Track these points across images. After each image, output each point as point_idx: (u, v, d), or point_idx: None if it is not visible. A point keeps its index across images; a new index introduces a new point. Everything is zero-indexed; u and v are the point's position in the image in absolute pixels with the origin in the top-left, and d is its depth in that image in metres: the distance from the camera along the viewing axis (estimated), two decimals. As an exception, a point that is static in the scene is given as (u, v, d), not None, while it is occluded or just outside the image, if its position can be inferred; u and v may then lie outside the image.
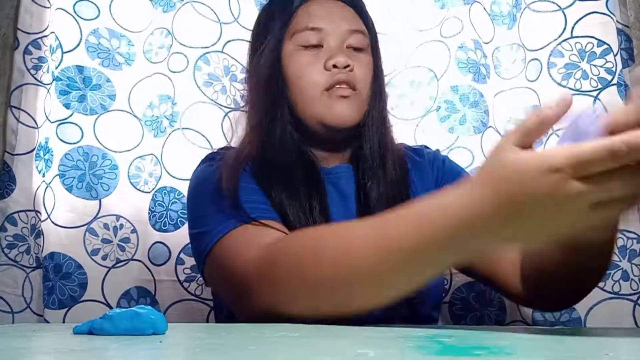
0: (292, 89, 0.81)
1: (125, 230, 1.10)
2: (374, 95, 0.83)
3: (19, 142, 1.09)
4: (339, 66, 0.79)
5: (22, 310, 1.07)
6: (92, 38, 1.12)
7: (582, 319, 1.01)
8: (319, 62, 0.81)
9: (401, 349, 0.43)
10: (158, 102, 1.14)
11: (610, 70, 1.05)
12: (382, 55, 0.91)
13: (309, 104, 0.80)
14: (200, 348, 0.44)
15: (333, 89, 0.79)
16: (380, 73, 0.86)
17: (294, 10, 0.84)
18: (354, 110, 0.80)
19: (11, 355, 0.40)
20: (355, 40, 0.83)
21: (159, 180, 1.11)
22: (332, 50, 0.81)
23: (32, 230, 1.09)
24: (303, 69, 0.81)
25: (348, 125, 0.80)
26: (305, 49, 0.82)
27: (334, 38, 0.82)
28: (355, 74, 0.81)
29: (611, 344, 0.48)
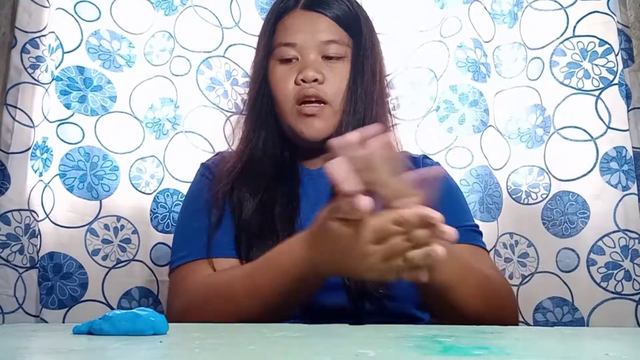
0: (274, 101, 0.87)
1: (126, 231, 1.10)
2: (349, 102, 0.84)
3: (14, 141, 1.08)
4: (306, 80, 0.83)
5: (13, 310, 1.05)
6: (92, 39, 1.12)
7: (585, 319, 1.01)
8: (292, 76, 0.85)
9: (401, 349, 0.43)
10: (160, 105, 1.14)
11: (612, 69, 1.04)
12: (382, 56, 0.92)
13: (284, 116, 0.86)
14: (200, 348, 0.44)
15: (302, 105, 0.84)
16: (363, 77, 0.86)
17: (274, 24, 0.88)
18: (322, 125, 0.84)
19: (11, 355, 0.40)
20: (331, 50, 0.85)
21: (161, 182, 1.12)
22: (305, 63, 0.84)
23: (26, 230, 1.08)
24: (278, 82, 0.86)
25: (317, 139, 0.84)
26: (282, 63, 0.86)
27: (308, 50, 0.85)
28: (325, 86, 0.83)
29: (611, 344, 0.47)
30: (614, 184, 1.02)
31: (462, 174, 1.12)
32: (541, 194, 1.07)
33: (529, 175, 1.09)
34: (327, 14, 0.87)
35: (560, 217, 1.04)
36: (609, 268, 1.01)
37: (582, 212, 1.03)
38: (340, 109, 0.84)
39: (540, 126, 1.09)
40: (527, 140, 1.10)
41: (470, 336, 0.50)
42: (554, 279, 1.04)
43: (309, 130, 0.84)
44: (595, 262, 1.01)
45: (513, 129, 1.12)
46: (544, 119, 1.08)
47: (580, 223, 1.02)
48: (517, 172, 1.10)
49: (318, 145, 0.84)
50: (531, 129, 1.10)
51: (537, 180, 1.08)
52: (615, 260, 1.01)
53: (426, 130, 1.14)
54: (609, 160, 1.03)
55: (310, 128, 0.84)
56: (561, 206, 1.05)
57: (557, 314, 1.04)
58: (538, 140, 1.09)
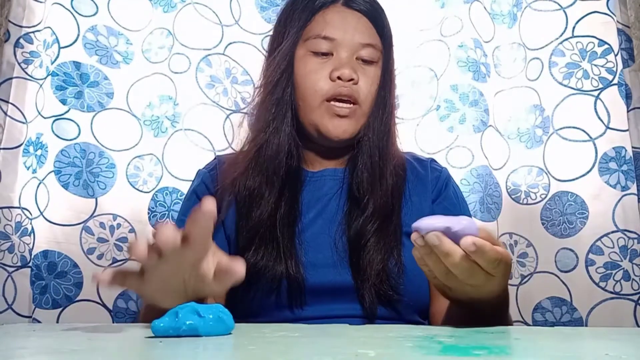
0: (297, 92, 0.84)
1: (123, 229, 1.09)
2: (378, 107, 0.85)
3: (6, 137, 1.04)
4: (343, 79, 0.81)
5: (2, 311, 1.02)
6: (89, 35, 1.11)
7: (584, 319, 1.01)
8: (325, 71, 0.83)
9: (401, 349, 0.43)
10: (158, 102, 1.13)
11: (611, 70, 1.04)
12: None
13: (308, 110, 0.83)
14: (201, 348, 0.44)
15: (333, 103, 0.82)
16: (389, 85, 0.87)
17: (312, 15, 0.85)
18: (351, 126, 0.83)
19: (11, 355, 0.40)
20: (366, 53, 0.85)
21: (160, 181, 1.11)
22: (340, 61, 0.83)
23: (17, 228, 1.05)
24: (309, 75, 0.83)
25: (343, 139, 0.83)
26: (316, 55, 0.84)
27: (345, 49, 0.84)
28: (360, 87, 0.83)
29: (611, 344, 0.47)
30: (613, 184, 1.02)
31: (463, 174, 1.12)
32: (540, 194, 1.07)
33: (528, 175, 1.09)
34: (367, 15, 0.87)
35: (559, 217, 1.04)
36: (607, 268, 1.01)
37: (581, 212, 1.03)
38: (367, 112, 0.84)
39: (539, 126, 1.09)
40: (527, 140, 1.10)
41: (470, 336, 0.50)
42: (552, 278, 1.04)
43: (337, 130, 0.82)
44: (594, 262, 1.01)
45: (512, 129, 1.12)
46: (543, 119, 1.08)
47: (579, 223, 1.03)
48: (517, 172, 1.10)
49: (335, 145, 0.85)
50: (530, 129, 1.10)
51: (536, 180, 1.08)
52: (614, 260, 1.01)
53: (426, 130, 1.14)
54: (608, 161, 1.03)
55: (338, 128, 0.82)
56: (560, 206, 1.05)
57: (555, 313, 1.04)
58: (537, 140, 1.09)
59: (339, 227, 0.81)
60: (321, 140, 0.85)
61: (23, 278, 1.04)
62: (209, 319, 0.49)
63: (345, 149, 0.87)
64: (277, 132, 0.83)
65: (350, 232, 0.80)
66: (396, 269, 0.77)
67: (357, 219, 0.80)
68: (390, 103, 0.87)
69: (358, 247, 0.79)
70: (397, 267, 0.78)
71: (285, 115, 0.84)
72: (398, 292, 0.77)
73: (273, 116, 0.84)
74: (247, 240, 0.80)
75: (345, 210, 0.83)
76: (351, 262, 0.78)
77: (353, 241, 0.79)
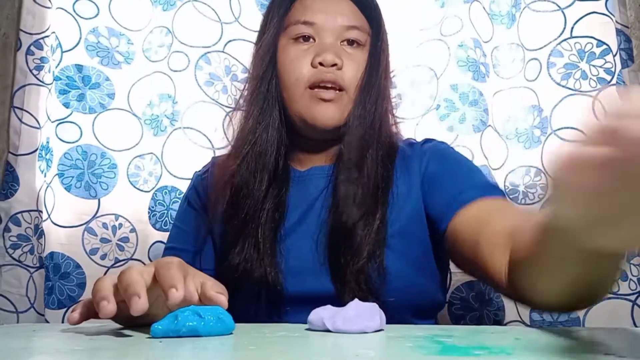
0: (281, 83, 0.80)
1: (124, 229, 1.10)
2: (363, 92, 0.79)
3: (22, 143, 1.09)
4: (325, 64, 0.77)
5: (26, 310, 1.07)
6: (91, 37, 1.12)
7: (581, 319, 1.02)
8: (307, 57, 0.78)
9: (401, 349, 0.43)
10: (158, 101, 1.14)
11: (610, 70, 1.05)
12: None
13: (292, 101, 0.79)
14: (201, 348, 0.44)
15: (317, 89, 0.77)
16: (377, 70, 0.81)
17: (291, 2, 0.82)
18: (337, 112, 0.78)
19: (11, 355, 0.40)
20: (351, 35, 0.80)
21: (160, 180, 1.11)
22: (323, 46, 0.78)
23: (35, 230, 1.09)
24: (291, 63, 0.79)
25: (330, 126, 0.78)
26: (297, 42, 0.80)
27: (328, 33, 0.79)
28: (344, 72, 0.78)
29: (610, 344, 0.48)
30: (611, 185, 1.02)
31: (463, 174, 1.11)
32: (538, 194, 1.07)
33: (526, 175, 1.09)
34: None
35: (557, 218, 1.04)
36: (605, 268, 1.01)
37: (579, 213, 1.03)
38: (354, 98, 0.79)
39: (537, 127, 1.09)
40: (525, 140, 1.11)
41: (470, 336, 0.50)
42: (551, 278, 1.04)
43: (323, 117, 0.77)
44: (592, 263, 1.01)
45: (511, 129, 1.12)
46: (541, 120, 1.09)
47: (577, 223, 1.03)
48: (515, 172, 1.10)
49: (322, 136, 0.80)
50: (529, 130, 1.10)
51: (534, 180, 1.08)
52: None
53: (426, 129, 1.14)
54: (606, 162, 1.03)
55: (324, 114, 0.77)
56: (558, 207, 1.05)
57: (553, 314, 1.04)
58: (535, 140, 1.09)
59: (322, 229, 0.76)
60: (308, 131, 0.80)
61: (40, 278, 1.08)
62: (209, 320, 0.49)
63: (333, 142, 0.81)
64: (266, 128, 0.79)
65: (329, 234, 0.75)
66: (377, 272, 0.72)
67: (336, 219, 0.75)
68: (378, 89, 0.80)
69: (337, 251, 0.74)
70: (378, 269, 0.72)
71: (272, 109, 0.80)
72: (377, 294, 0.71)
73: (260, 111, 0.80)
74: (232, 240, 0.77)
75: (329, 210, 0.77)
76: (331, 267, 0.74)
77: (333, 244, 0.75)
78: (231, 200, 0.79)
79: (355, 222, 0.74)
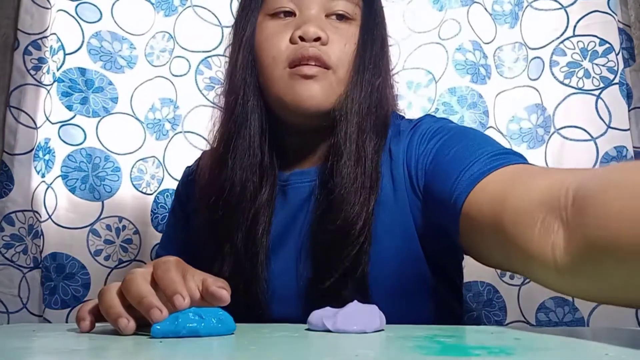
0: (257, 65, 0.68)
1: (128, 231, 1.11)
2: (357, 72, 0.67)
3: (18, 142, 1.09)
4: (306, 38, 0.65)
5: (18, 310, 1.07)
6: (94, 41, 1.13)
7: (585, 320, 1.01)
8: (286, 33, 0.67)
9: (401, 349, 0.43)
10: (160, 105, 1.14)
11: (612, 69, 1.04)
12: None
13: (270, 84, 0.67)
14: (200, 348, 0.44)
15: (298, 67, 0.65)
16: (371, 46, 0.69)
17: None
18: (322, 91, 0.65)
19: (11, 355, 0.40)
20: (339, 7, 0.68)
21: (162, 183, 1.12)
22: (305, 18, 0.67)
23: (29, 231, 1.09)
24: (267, 40, 0.67)
25: (315, 108, 0.65)
26: (276, 17, 0.68)
27: (311, 5, 0.68)
28: (330, 48, 0.66)
29: (612, 345, 0.47)
30: (615, 184, 1.02)
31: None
32: (542, 194, 1.07)
33: (530, 175, 1.09)
34: None
35: (561, 217, 1.04)
36: (610, 268, 1.01)
37: (583, 212, 1.02)
38: (346, 79, 0.67)
39: (541, 126, 1.09)
40: (529, 140, 1.10)
41: (470, 336, 0.50)
42: (555, 278, 1.03)
43: (304, 95, 0.64)
44: (596, 262, 1.01)
45: (514, 129, 1.12)
46: (545, 119, 1.08)
47: (581, 223, 1.02)
48: (518, 172, 1.10)
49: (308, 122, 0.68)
50: (532, 129, 1.10)
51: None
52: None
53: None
54: (609, 160, 1.03)
55: (306, 92, 0.64)
56: (562, 206, 1.04)
57: (558, 313, 1.03)
58: (539, 140, 1.09)
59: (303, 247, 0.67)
60: (291, 117, 0.68)
61: (35, 279, 1.08)
62: (210, 321, 0.49)
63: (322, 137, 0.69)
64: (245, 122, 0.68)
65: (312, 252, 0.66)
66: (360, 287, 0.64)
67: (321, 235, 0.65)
68: (373, 68, 0.68)
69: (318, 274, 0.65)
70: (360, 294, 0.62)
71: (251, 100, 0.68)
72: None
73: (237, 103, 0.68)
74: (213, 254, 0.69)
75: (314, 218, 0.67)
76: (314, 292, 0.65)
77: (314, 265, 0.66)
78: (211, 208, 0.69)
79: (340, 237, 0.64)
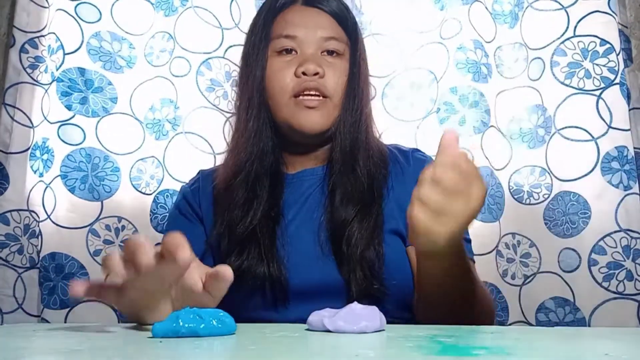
0: (267, 93, 0.85)
1: (127, 231, 1.10)
2: (348, 99, 0.85)
3: (13, 141, 1.08)
4: (308, 73, 0.82)
5: (12, 311, 1.06)
6: (93, 41, 1.13)
7: (587, 320, 1.01)
8: (290, 68, 0.84)
9: (401, 349, 0.43)
10: (160, 106, 1.14)
11: (613, 69, 1.04)
12: (379, 57, 0.93)
13: (278, 109, 0.84)
14: (200, 347, 0.44)
15: (301, 97, 0.83)
16: (359, 77, 0.87)
17: (273, 17, 0.88)
18: (322, 118, 0.83)
19: (11, 355, 0.40)
20: (330, 45, 0.86)
21: (161, 183, 1.12)
22: (305, 57, 0.84)
23: (25, 230, 1.08)
24: (276, 74, 0.84)
25: (316, 132, 0.83)
26: (280, 55, 0.85)
27: (309, 45, 0.85)
28: (326, 80, 0.83)
29: (612, 345, 0.47)
30: (615, 184, 1.02)
31: (464, 175, 1.11)
32: (543, 194, 1.07)
33: (531, 175, 1.09)
34: (327, 11, 0.88)
35: (562, 217, 1.04)
36: (610, 268, 1.01)
37: (583, 212, 1.03)
38: (339, 105, 0.84)
39: (541, 126, 1.09)
40: (529, 140, 1.10)
41: (470, 336, 0.50)
42: (556, 279, 1.04)
43: (308, 123, 0.82)
44: (597, 262, 1.01)
45: (515, 129, 1.12)
46: (545, 119, 1.08)
47: (581, 223, 1.02)
48: (519, 172, 1.10)
49: (310, 141, 0.85)
50: (533, 129, 1.10)
51: (539, 180, 1.08)
52: (617, 260, 1.00)
53: (427, 132, 1.14)
54: (610, 160, 1.03)
55: (309, 120, 0.82)
56: (563, 206, 1.04)
57: (559, 314, 1.03)
58: (540, 140, 1.09)
59: (319, 223, 0.81)
60: (296, 137, 0.85)
61: (32, 279, 1.07)
62: (210, 322, 0.49)
63: (321, 144, 0.87)
64: (259, 135, 0.84)
65: (329, 227, 0.80)
66: (377, 262, 0.76)
67: (335, 213, 0.80)
68: (362, 94, 0.86)
69: (338, 241, 0.78)
70: (378, 260, 0.77)
71: (262, 119, 0.84)
72: (380, 280, 0.76)
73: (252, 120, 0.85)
74: (230, 246, 0.80)
75: (324, 205, 0.82)
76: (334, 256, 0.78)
77: (333, 236, 0.79)
78: (226, 209, 0.82)
79: (353, 217, 0.79)
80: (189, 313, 0.49)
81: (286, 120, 0.84)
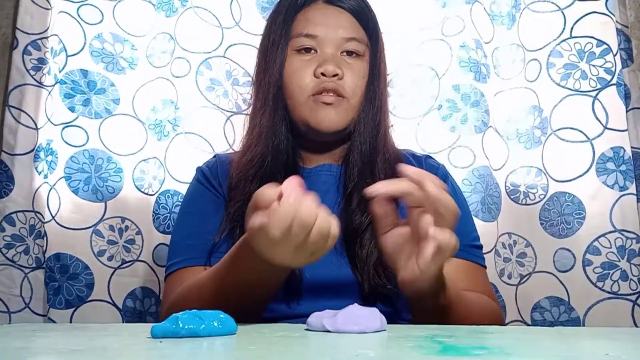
0: (285, 91, 0.85)
1: (130, 232, 1.11)
2: (367, 101, 0.85)
3: (18, 143, 1.09)
4: (327, 74, 0.82)
5: (19, 310, 1.08)
6: (96, 42, 1.13)
7: (581, 319, 1.02)
8: (310, 68, 0.84)
9: (401, 349, 0.43)
10: (161, 107, 1.15)
11: (610, 70, 1.05)
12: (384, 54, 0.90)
13: (296, 107, 0.84)
14: (201, 348, 0.44)
15: (319, 95, 0.83)
16: (379, 78, 0.87)
17: (294, 15, 0.87)
18: (339, 116, 0.83)
19: (11, 355, 0.40)
20: (351, 46, 0.85)
21: (163, 183, 1.12)
22: (325, 57, 0.84)
23: (31, 231, 1.09)
24: (295, 73, 0.84)
25: (332, 130, 0.83)
26: (300, 53, 0.85)
27: (329, 45, 0.85)
28: (345, 82, 0.83)
29: (610, 344, 0.48)
30: (611, 185, 1.03)
31: (465, 174, 1.11)
32: (539, 194, 1.07)
33: (527, 175, 1.09)
34: (349, 9, 0.87)
35: (557, 218, 1.05)
36: (604, 268, 1.01)
37: (578, 213, 1.03)
38: (357, 106, 0.84)
39: (538, 127, 1.09)
40: (526, 141, 1.11)
41: (470, 336, 0.50)
42: (551, 278, 1.04)
43: (325, 121, 0.82)
44: (591, 262, 1.02)
45: (512, 130, 1.13)
46: (542, 120, 1.09)
47: (576, 223, 1.03)
48: (516, 173, 1.10)
49: (326, 138, 0.85)
50: (529, 130, 1.11)
51: (535, 180, 1.08)
52: (611, 260, 1.01)
53: (428, 129, 1.14)
54: (606, 161, 1.03)
55: (325, 117, 0.82)
56: (558, 207, 1.05)
57: (554, 313, 1.04)
58: (536, 141, 1.09)
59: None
60: (312, 135, 0.85)
61: (38, 279, 1.08)
62: (211, 323, 0.49)
63: (338, 143, 0.87)
64: (276, 130, 0.84)
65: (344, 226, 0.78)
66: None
67: (351, 213, 0.80)
68: (380, 96, 0.86)
69: (353, 241, 0.79)
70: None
71: (277, 116, 0.84)
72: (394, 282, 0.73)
73: (269, 116, 0.85)
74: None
75: (339, 204, 0.83)
76: (348, 256, 0.79)
77: (348, 235, 0.79)
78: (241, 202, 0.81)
79: (367, 225, 0.78)
80: (189, 315, 0.49)
81: (303, 118, 0.84)
